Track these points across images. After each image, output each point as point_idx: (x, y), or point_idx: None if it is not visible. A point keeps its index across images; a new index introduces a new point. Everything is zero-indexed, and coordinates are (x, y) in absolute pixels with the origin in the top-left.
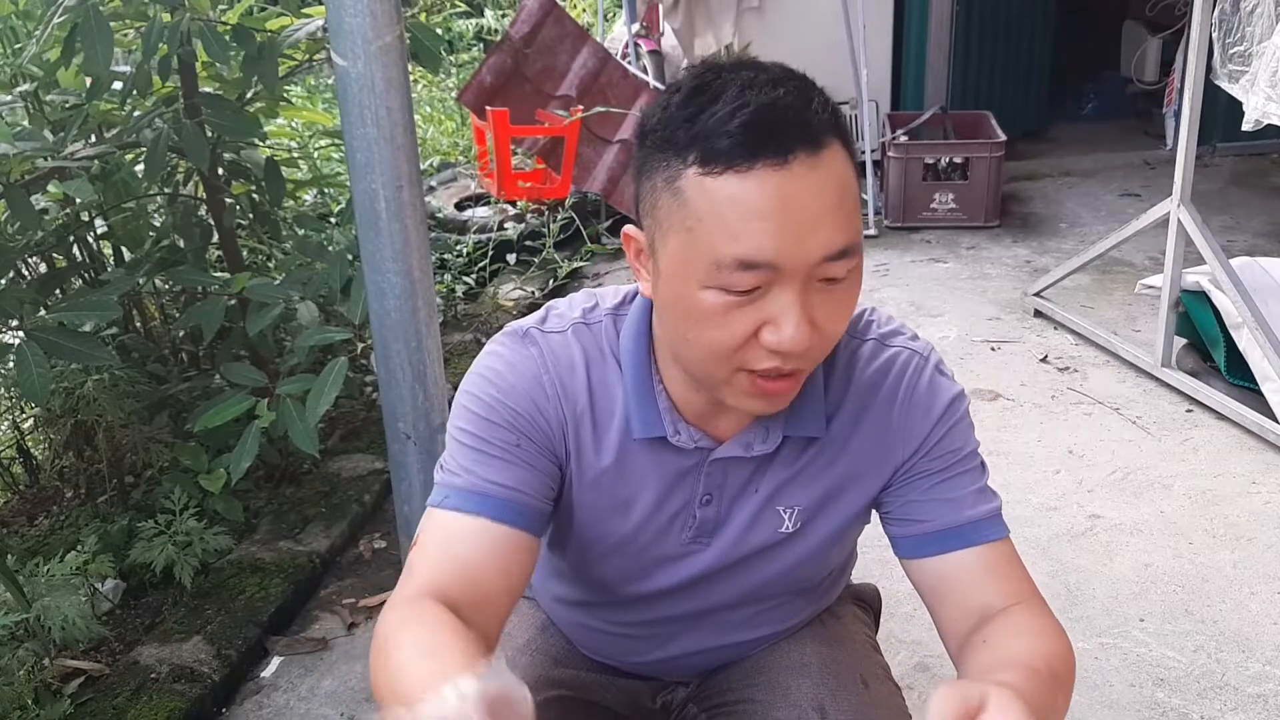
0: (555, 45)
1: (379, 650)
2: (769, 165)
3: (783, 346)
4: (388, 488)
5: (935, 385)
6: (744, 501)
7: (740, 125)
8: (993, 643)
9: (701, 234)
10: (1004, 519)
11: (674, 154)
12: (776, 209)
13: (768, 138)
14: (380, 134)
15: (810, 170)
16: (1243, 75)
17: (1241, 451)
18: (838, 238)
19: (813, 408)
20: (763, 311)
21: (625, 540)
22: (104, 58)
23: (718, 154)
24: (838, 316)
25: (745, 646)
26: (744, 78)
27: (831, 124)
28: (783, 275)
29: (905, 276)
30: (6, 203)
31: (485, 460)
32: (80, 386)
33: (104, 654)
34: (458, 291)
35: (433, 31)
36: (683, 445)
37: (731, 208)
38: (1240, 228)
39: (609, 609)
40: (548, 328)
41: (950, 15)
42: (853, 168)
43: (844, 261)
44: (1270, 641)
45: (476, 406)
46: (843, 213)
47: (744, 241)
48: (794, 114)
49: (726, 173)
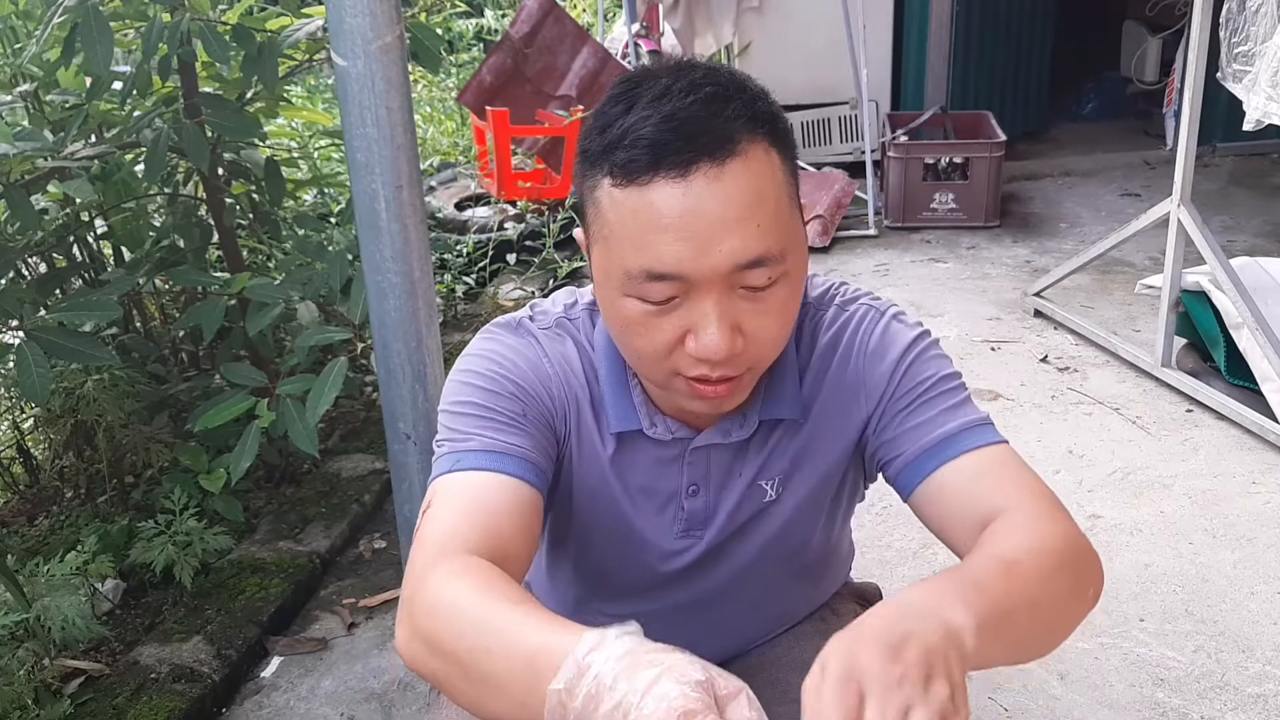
0: (555, 45)
1: (440, 613)
2: (668, 178)
3: (703, 354)
4: (388, 488)
5: (890, 331)
6: (730, 488)
7: (642, 138)
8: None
9: (614, 244)
10: (994, 427)
11: (591, 164)
12: (677, 222)
13: (667, 150)
14: (380, 134)
15: (713, 181)
16: (1246, 75)
17: (1241, 451)
18: (749, 247)
19: (790, 390)
20: (684, 319)
21: (618, 532)
22: (104, 58)
23: (621, 167)
24: (768, 324)
25: (746, 639)
26: (660, 86)
27: (751, 128)
28: (696, 285)
29: (905, 276)
30: (6, 203)
31: (494, 426)
32: (80, 386)
33: (104, 654)
34: (458, 291)
35: (433, 31)
36: (660, 437)
37: (635, 220)
38: (1240, 228)
39: (607, 602)
40: (537, 323)
41: (950, 15)
42: (782, 172)
43: (762, 270)
44: (1270, 641)
45: (479, 381)
46: (755, 221)
47: (648, 253)
48: (698, 124)
49: (630, 185)
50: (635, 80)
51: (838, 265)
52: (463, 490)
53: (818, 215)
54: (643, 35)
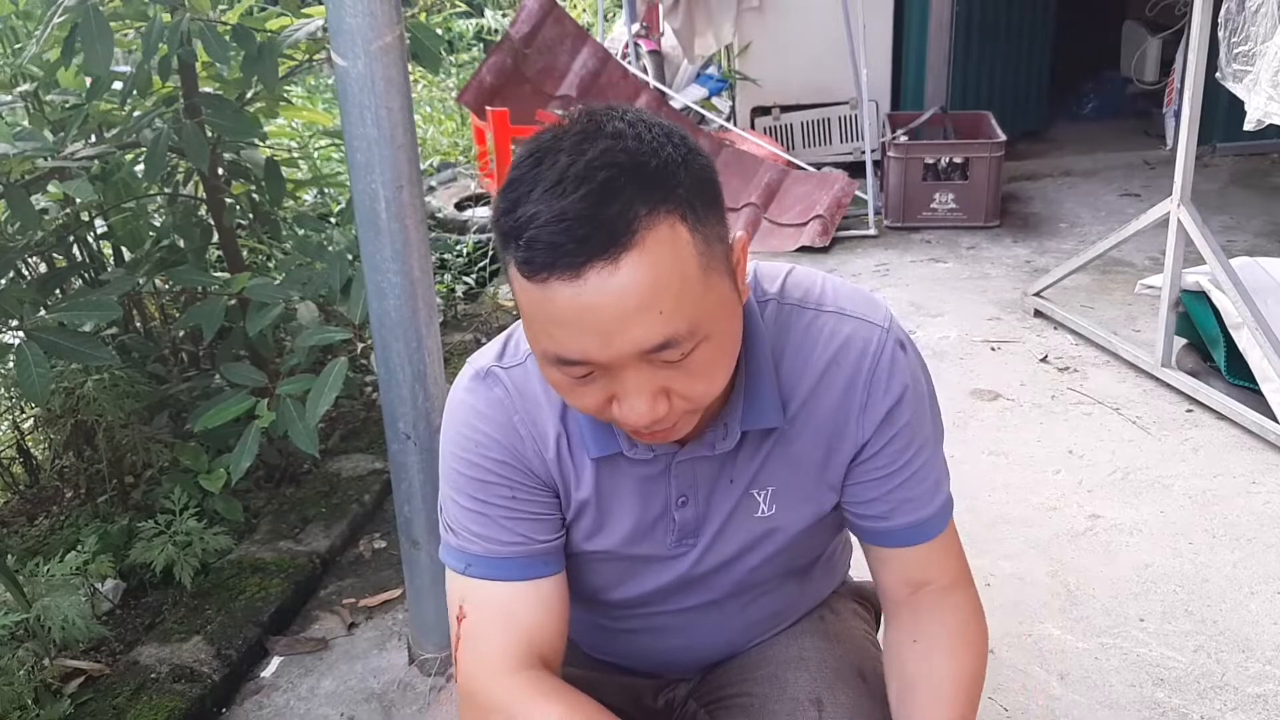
0: (555, 45)
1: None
2: (563, 279)
3: (628, 422)
4: (388, 488)
5: (895, 367)
6: (720, 495)
7: (536, 240)
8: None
9: (527, 324)
10: (950, 503)
11: (501, 244)
12: (576, 318)
13: (560, 253)
14: (380, 134)
15: (608, 279)
16: (1246, 75)
17: (1241, 451)
18: (652, 335)
19: (769, 399)
20: (607, 388)
21: (613, 551)
22: (104, 58)
23: (522, 263)
24: (695, 383)
25: (744, 638)
26: (558, 169)
27: (654, 209)
28: (609, 366)
29: (905, 276)
30: (7, 203)
31: (490, 523)
32: (80, 386)
33: (104, 654)
34: (458, 291)
35: (433, 31)
36: (641, 457)
37: (539, 311)
38: (1240, 228)
39: (606, 610)
40: (506, 362)
41: (950, 16)
42: (693, 243)
43: (672, 350)
44: (1270, 641)
45: (464, 468)
46: (656, 308)
47: (555, 341)
48: (588, 223)
49: (531, 279)
50: (539, 155)
51: (838, 265)
52: (492, 604)
53: (818, 215)
54: (643, 35)
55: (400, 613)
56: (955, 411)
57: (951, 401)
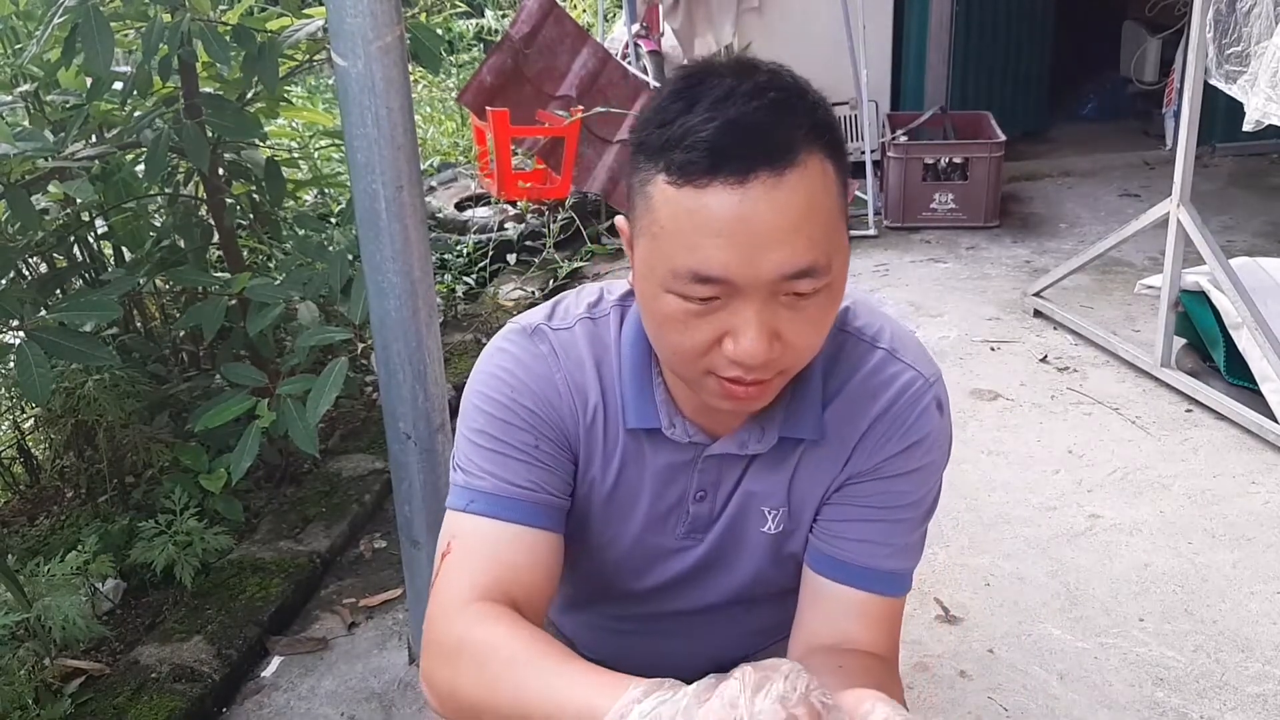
0: (555, 45)
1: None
2: (727, 184)
3: (740, 358)
4: (388, 488)
5: (925, 416)
6: (736, 501)
7: (704, 140)
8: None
9: (663, 240)
10: (911, 576)
11: (646, 158)
12: (731, 227)
13: (729, 155)
14: (380, 134)
15: (771, 190)
16: (1240, 75)
17: (1241, 451)
18: (798, 258)
19: (811, 410)
20: (724, 321)
21: (624, 534)
22: (104, 58)
23: (680, 166)
24: (807, 331)
25: (743, 646)
26: (725, 87)
27: (810, 138)
28: (740, 290)
29: (905, 276)
30: (7, 203)
31: (506, 462)
32: (81, 386)
33: (104, 654)
34: (458, 291)
35: (433, 32)
36: (677, 439)
37: (689, 220)
38: (1240, 228)
39: (606, 604)
40: (555, 324)
41: (950, 15)
42: (835, 183)
43: (808, 280)
44: (1270, 641)
45: (491, 407)
46: (806, 233)
47: (698, 255)
48: (761, 131)
49: (687, 186)
50: (696, 77)
51: None
52: (481, 541)
53: None
54: (643, 35)
55: (400, 612)
56: (955, 411)
57: (951, 401)
